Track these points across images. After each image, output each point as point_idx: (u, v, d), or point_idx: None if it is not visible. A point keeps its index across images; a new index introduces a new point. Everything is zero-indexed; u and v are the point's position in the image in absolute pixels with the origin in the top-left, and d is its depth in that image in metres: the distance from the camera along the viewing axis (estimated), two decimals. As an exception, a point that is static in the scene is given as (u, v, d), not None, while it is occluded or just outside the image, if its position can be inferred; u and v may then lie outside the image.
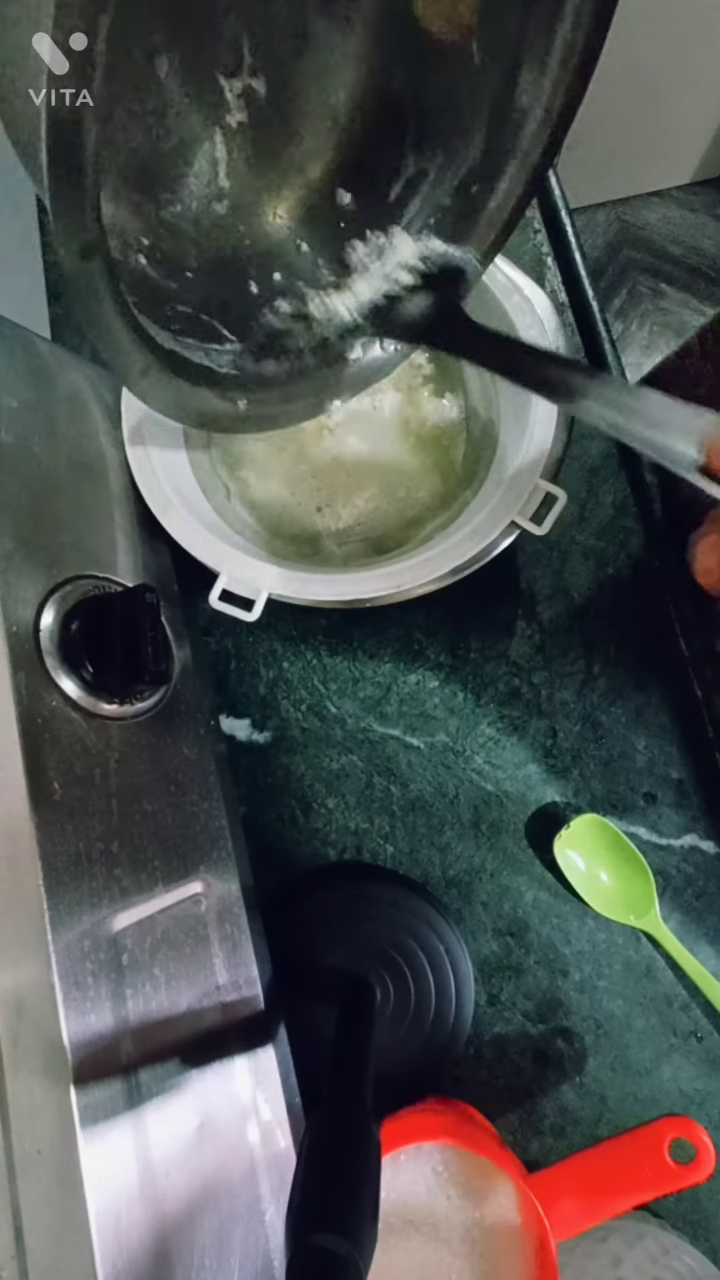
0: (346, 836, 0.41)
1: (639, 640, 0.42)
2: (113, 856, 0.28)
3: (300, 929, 0.38)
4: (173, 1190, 0.26)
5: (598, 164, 1.21)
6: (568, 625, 0.42)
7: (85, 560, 0.32)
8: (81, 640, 0.29)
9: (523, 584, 0.43)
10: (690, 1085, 0.39)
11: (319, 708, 0.42)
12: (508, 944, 0.40)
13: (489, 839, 0.41)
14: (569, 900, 0.40)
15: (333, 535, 0.40)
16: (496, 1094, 0.39)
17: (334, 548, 0.40)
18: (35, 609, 0.29)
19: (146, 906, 0.29)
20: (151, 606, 0.29)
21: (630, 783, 0.41)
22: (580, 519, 0.43)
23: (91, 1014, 0.25)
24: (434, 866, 0.41)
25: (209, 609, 0.34)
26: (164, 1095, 0.27)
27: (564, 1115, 0.39)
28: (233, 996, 0.31)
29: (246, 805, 0.41)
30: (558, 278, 0.46)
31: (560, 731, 0.41)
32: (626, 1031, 0.39)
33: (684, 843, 0.40)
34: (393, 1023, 0.38)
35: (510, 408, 0.37)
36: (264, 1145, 0.30)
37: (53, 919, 0.25)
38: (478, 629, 0.42)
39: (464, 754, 0.41)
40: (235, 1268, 0.27)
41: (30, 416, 0.32)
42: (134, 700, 0.31)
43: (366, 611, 0.43)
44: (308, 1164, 0.23)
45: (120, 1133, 0.25)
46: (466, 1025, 0.38)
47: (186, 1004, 0.29)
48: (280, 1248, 0.28)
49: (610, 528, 0.43)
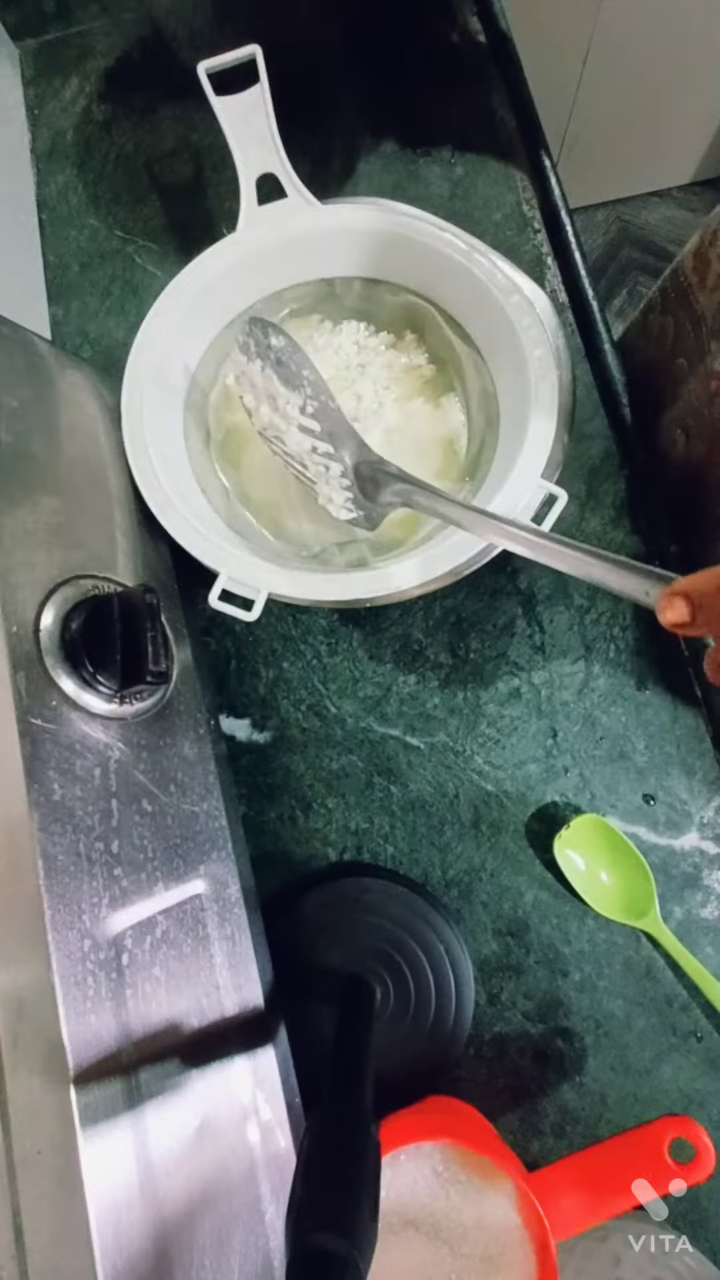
0: (346, 836, 0.41)
1: (639, 640, 0.42)
2: (113, 856, 0.28)
3: (300, 929, 0.38)
4: (173, 1190, 0.26)
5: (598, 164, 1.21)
6: (568, 625, 0.42)
7: (85, 560, 0.32)
8: (81, 640, 0.29)
9: (523, 584, 0.43)
10: (690, 1085, 0.39)
11: (319, 708, 0.42)
12: (508, 944, 0.40)
13: (489, 839, 0.41)
14: (569, 900, 0.40)
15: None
16: (496, 1094, 0.39)
17: (334, 548, 0.40)
18: (35, 609, 0.29)
19: (146, 906, 0.29)
20: (151, 606, 0.29)
21: (630, 783, 0.41)
22: (580, 519, 0.43)
23: (91, 1014, 0.25)
24: (434, 866, 0.41)
25: (209, 609, 0.34)
26: (164, 1095, 0.27)
27: (564, 1115, 0.39)
28: (233, 996, 0.31)
29: (246, 805, 0.41)
30: (558, 278, 0.46)
31: (560, 731, 0.41)
32: (626, 1031, 0.39)
33: (684, 843, 0.40)
34: (393, 1023, 0.38)
35: (510, 409, 0.37)
36: (264, 1145, 0.30)
37: (53, 919, 0.25)
38: (478, 629, 0.42)
39: (464, 754, 0.41)
40: (235, 1268, 0.27)
41: (30, 416, 0.32)
42: (134, 700, 0.31)
43: (366, 611, 0.43)
44: (307, 1164, 0.23)
45: (120, 1133, 0.25)
46: (466, 1025, 0.38)
47: (186, 1004, 0.29)
48: (280, 1248, 0.28)
49: (610, 528, 0.43)
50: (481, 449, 0.39)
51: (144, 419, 0.36)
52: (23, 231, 0.48)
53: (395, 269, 0.40)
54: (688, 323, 0.42)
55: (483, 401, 0.39)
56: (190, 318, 0.38)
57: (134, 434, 0.36)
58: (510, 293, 0.36)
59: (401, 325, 0.42)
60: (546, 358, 0.35)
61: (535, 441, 0.34)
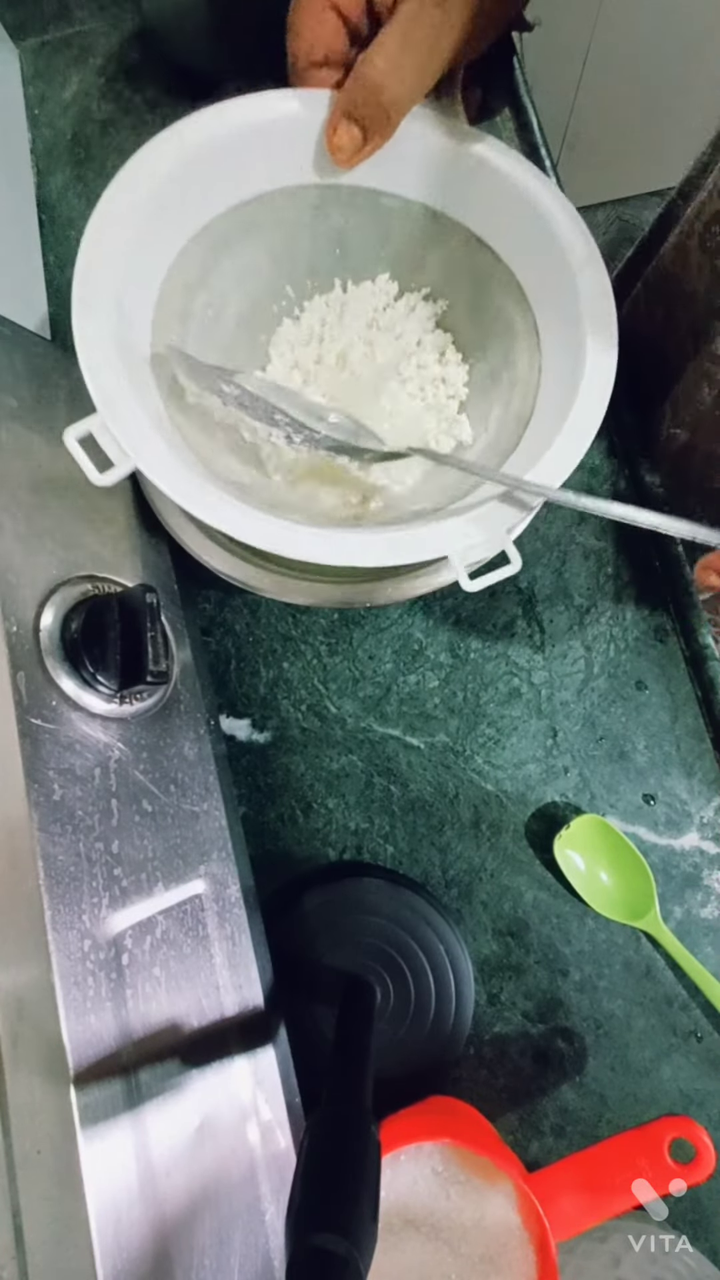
0: (346, 836, 0.41)
1: (639, 640, 0.42)
2: (113, 856, 0.28)
3: (300, 929, 0.38)
4: (173, 1190, 0.26)
5: (598, 164, 1.21)
6: (568, 625, 0.42)
7: (85, 560, 0.32)
8: (81, 640, 0.29)
9: (523, 584, 0.43)
10: (690, 1085, 0.39)
11: (319, 708, 0.42)
12: (508, 944, 0.40)
13: (489, 839, 0.41)
14: (569, 900, 0.40)
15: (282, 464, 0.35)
16: (496, 1094, 0.39)
17: (278, 475, 0.35)
18: (35, 609, 0.29)
19: (146, 906, 0.29)
20: (151, 606, 0.29)
21: (630, 783, 0.41)
22: (580, 519, 0.43)
23: (91, 1014, 0.25)
24: (434, 866, 0.41)
25: (209, 609, 0.34)
26: (164, 1095, 0.27)
27: (564, 1115, 0.39)
28: (233, 996, 0.31)
29: (246, 805, 0.41)
30: (558, 278, 0.46)
31: (560, 731, 0.41)
32: (626, 1031, 0.39)
33: (684, 843, 0.40)
34: (393, 1023, 0.38)
35: (553, 389, 0.32)
36: (264, 1145, 0.30)
37: (53, 919, 0.25)
38: (478, 629, 0.42)
39: (464, 754, 0.41)
40: (235, 1268, 0.27)
41: (30, 416, 0.32)
42: (134, 700, 0.31)
43: (367, 611, 0.43)
44: (307, 1164, 0.23)
45: (120, 1133, 0.25)
46: (466, 1025, 0.38)
47: (186, 1004, 0.29)
48: (280, 1248, 0.28)
49: (610, 528, 0.43)
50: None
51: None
52: (23, 231, 0.48)
53: (453, 196, 0.33)
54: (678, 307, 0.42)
55: (491, 374, 0.35)
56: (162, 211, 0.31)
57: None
58: (586, 265, 0.31)
59: (437, 276, 0.36)
60: (609, 337, 0.30)
61: (579, 429, 0.29)
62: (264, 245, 0.35)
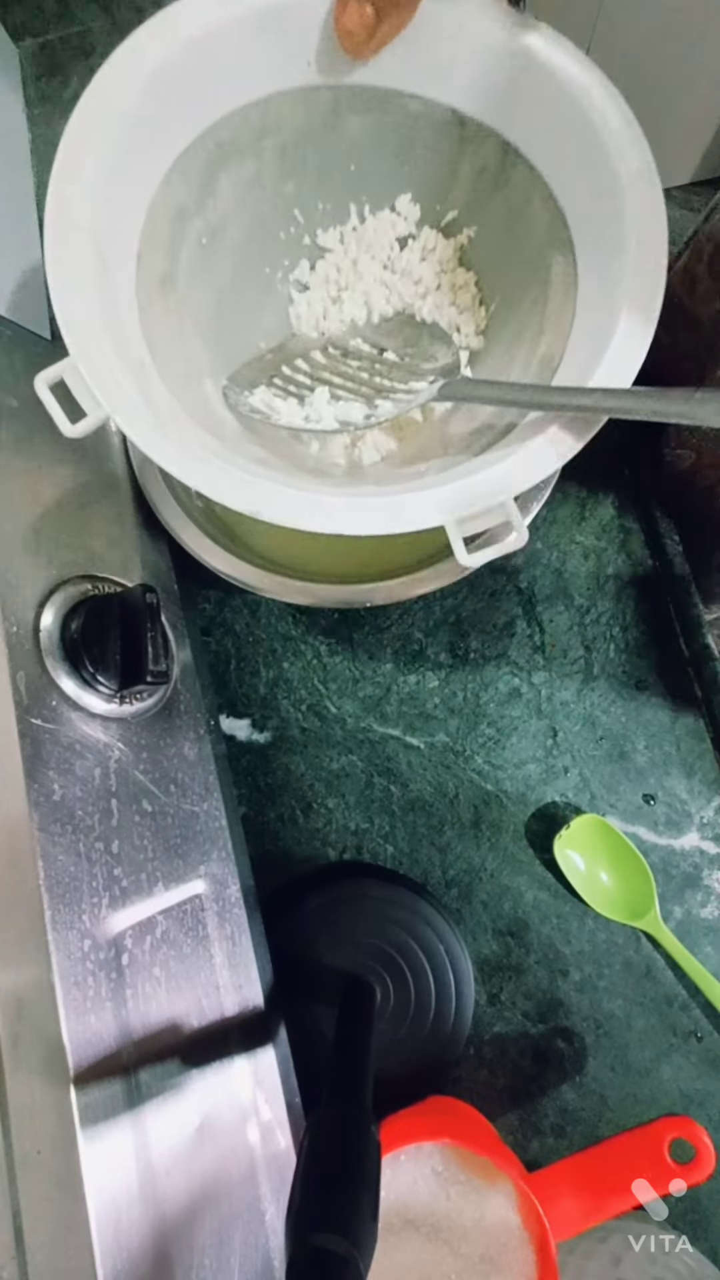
0: (346, 836, 0.41)
1: (639, 640, 0.42)
2: (113, 856, 0.28)
3: (300, 929, 0.38)
4: (173, 1190, 0.26)
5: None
6: (568, 625, 0.42)
7: (85, 560, 0.32)
8: (81, 640, 0.29)
9: (523, 584, 0.43)
10: (690, 1085, 0.39)
11: (319, 708, 0.42)
12: (508, 944, 0.40)
13: (489, 839, 0.41)
14: (569, 900, 0.40)
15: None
16: (496, 1094, 0.39)
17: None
18: (35, 609, 0.29)
19: (146, 906, 0.29)
20: (151, 606, 0.29)
21: (630, 783, 0.41)
22: (580, 519, 0.43)
23: (91, 1014, 0.25)
24: (434, 866, 0.41)
25: (209, 609, 0.34)
26: (164, 1095, 0.27)
27: (564, 1115, 0.39)
28: (233, 996, 0.31)
29: (246, 805, 0.41)
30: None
31: (560, 731, 0.41)
32: (626, 1031, 0.39)
33: (684, 843, 0.40)
34: (393, 1023, 0.38)
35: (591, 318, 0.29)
36: (264, 1145, 0.30)
37: (53, 919, 0.25)
38: (478, 629, 0.42)
39: (464, 754, 0.41)
40: (235, 1268, 0.27)
41: (30, 416, 0.32)
42: (134, 700, 0.31)
43: (367, 611, 0.43)
44: (307, 1164, 0.23)
45: (120, 1133, 0.25)
46: (466, 1025, 0.38)
47: (186, 1004, 0.29)
48: (280, 1247, 0.28)
49: (610, 528, 0.43)
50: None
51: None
52: (23, 231, 0.48)
53: (488, 99, 0.28)
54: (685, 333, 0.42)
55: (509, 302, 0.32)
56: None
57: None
58: (638, 179, 0.27)
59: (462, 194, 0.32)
60: (657, 262, 0.26)
61: (620, 364, 0.26)
62: (269, 160, 0.30)
